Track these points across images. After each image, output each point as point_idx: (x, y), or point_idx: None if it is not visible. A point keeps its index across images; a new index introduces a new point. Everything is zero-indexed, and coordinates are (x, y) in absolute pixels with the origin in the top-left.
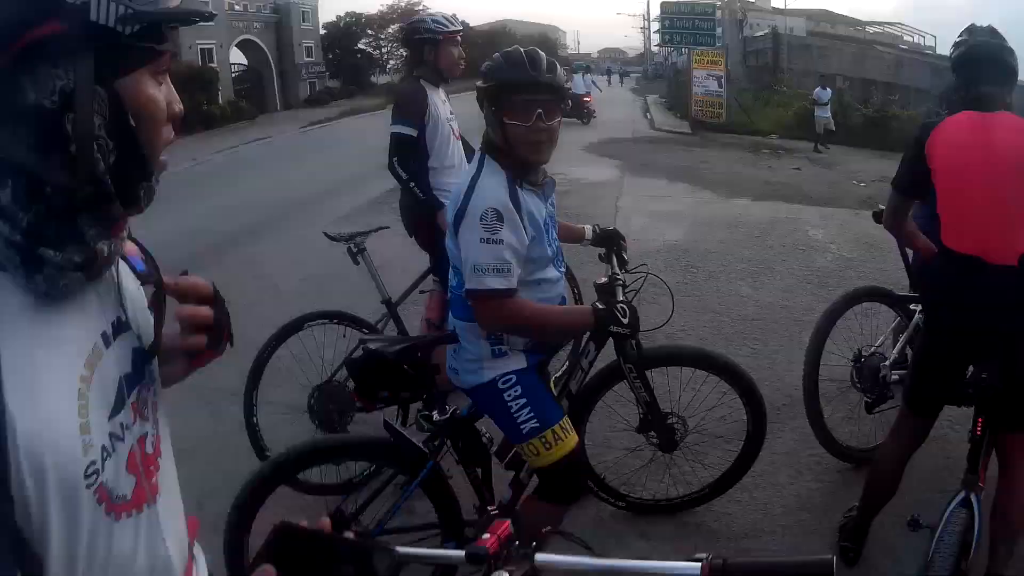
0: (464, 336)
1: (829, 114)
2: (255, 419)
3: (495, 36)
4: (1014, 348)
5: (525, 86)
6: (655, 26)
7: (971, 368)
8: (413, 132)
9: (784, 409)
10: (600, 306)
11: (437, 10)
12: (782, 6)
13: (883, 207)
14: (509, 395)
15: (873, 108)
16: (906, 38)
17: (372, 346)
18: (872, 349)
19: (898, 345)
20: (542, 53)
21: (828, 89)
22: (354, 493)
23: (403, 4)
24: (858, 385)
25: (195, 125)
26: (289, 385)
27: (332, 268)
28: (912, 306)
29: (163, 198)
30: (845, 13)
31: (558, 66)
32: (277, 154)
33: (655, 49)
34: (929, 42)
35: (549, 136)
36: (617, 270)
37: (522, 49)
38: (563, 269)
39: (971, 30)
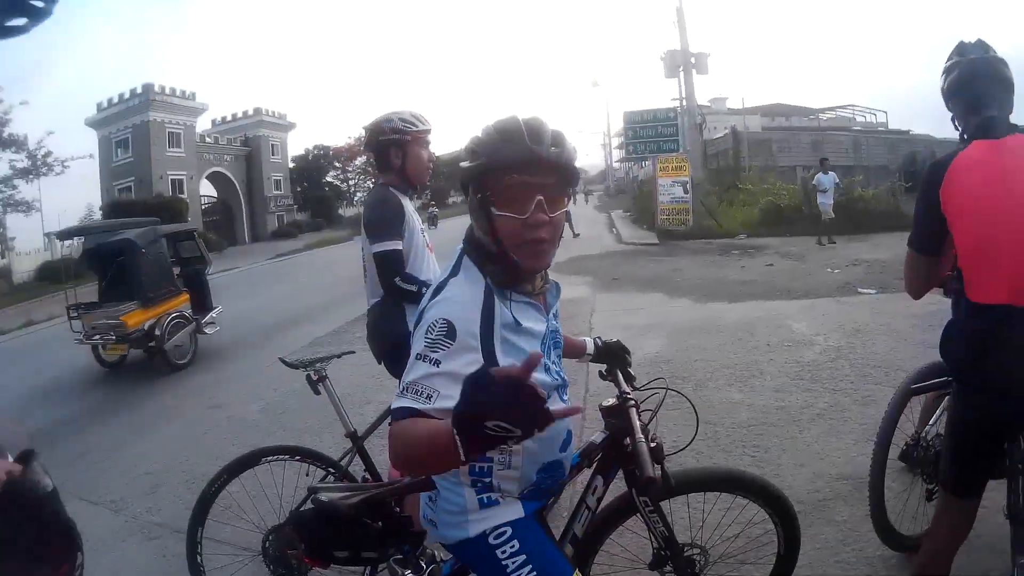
0: (442, 483)
1: (831, 200)
2: (199, 559)
3: (458, 162)
4: None
5: (522, 164)
6: (615, 142)
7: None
8: (399, 245)
9: (799, 517)
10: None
11: (404, 109)
12: (737, 107)
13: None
14: (504, 552)
15: (838, 192)
16: (859, 119)
17: (324, 498)
18: (932, 431)
19: None
20: (545, 122)
21: (831, 173)
22: None
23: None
24: (918, 471)
25: None
26: (242, 524)
27: (293, 398)
28: None
29: None
30: (798, 104)
31: (566, 139)
32: (242, 284)
33: (616, 164)
34: (881, 119)
35: (552, 233)
36: (626, 388)
37: (520, 118)
38: (567, 403)
39: (961, 48)
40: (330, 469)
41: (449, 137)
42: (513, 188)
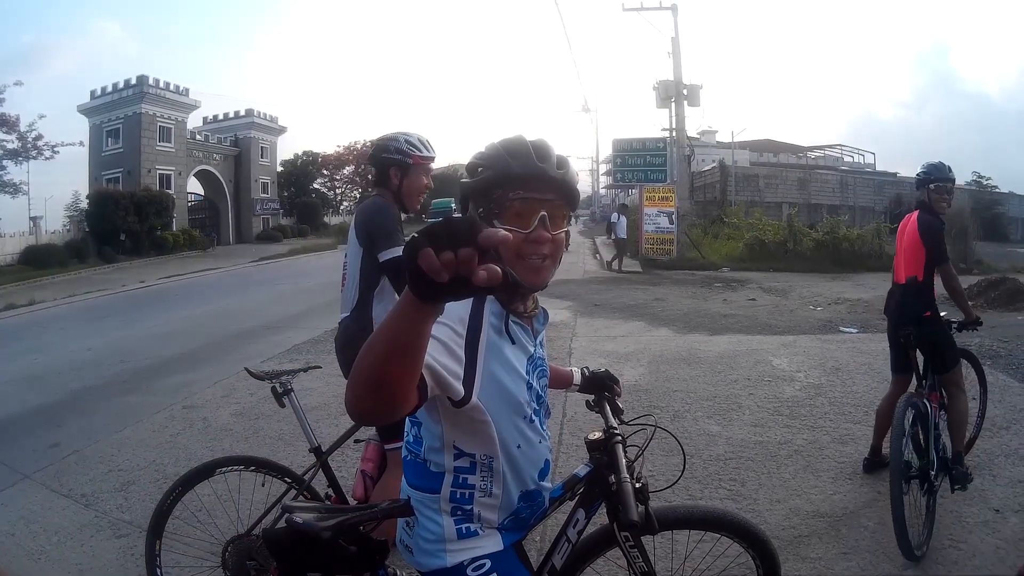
0: (421, 510)
1: None
2: (159, 571)
3: (446, 179)
4: (919, 331)
5: (528, 181)
6: (603, 168)
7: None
8: None
9: None
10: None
11: (413, 131)
12: (726, 140)
13: None
14: None
15: (823, 231)
16: (846, 158)
17: (299, 519)
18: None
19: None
20: (551, 144)
21: None
22: None
23: (358, 145)
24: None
25: (148, 249)
26: (202, 531)
27: (268, 404)
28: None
29: (100, 316)
30: (787, 141)
31: (569, 162)
32: (224, 285)
33: (603, 191)
34: (869, 160)
35: (553, 251)
36: (613, 422)
37: (527, 138)
38: (547, 431)
39: (927, 168)
40: (287, 480)
41: (439, 152)
42: (517, 203)
